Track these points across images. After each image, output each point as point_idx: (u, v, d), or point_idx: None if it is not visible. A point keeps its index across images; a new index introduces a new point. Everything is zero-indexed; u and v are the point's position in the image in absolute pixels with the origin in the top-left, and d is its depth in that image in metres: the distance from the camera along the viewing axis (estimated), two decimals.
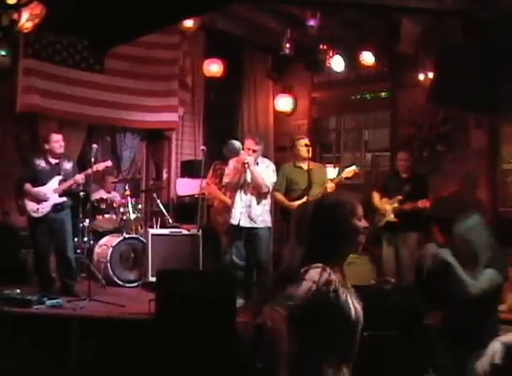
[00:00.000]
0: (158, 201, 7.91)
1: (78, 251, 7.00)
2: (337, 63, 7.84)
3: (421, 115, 7.58)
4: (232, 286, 5.27)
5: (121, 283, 6.95)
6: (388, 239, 6.65)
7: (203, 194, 6.92)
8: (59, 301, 5.66)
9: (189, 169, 8.73)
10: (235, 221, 6.04)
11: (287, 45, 7.66)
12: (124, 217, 7.34)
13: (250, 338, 2.18)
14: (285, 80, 9.11)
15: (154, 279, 5.75)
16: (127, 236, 7.19)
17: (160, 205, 7.86)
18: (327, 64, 7.80)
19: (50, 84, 7.72)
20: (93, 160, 6.25)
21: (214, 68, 8.91)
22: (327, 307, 2.23)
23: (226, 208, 6.64)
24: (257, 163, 6.07)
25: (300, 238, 2.37)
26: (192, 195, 8.27)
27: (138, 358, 4.83)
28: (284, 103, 9.29)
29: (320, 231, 2.33)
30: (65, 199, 6.22)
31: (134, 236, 7.30)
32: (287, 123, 9.34)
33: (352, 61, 7.84)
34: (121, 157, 8.75)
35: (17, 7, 5.52)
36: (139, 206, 7.62)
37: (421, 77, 7.30)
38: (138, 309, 5.47)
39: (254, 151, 6.01)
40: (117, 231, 7.42)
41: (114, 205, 7.49)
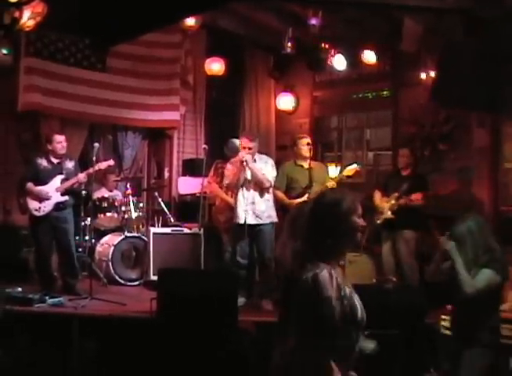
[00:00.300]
0: (160, 200, 7.91)
1: (80, 250, 7.02)
2: (339, 62, 7.83)
3: (423, 114, 7.57)
4: (233, 284, 5.27)
5: (123, 281, 6.95)
6: (386, 236, 6.65)
7: (204, 193, 6.93)
8: (61, 299, 5.67)
9: (191, 168, 8.72)
10: (240, 220, 5.96)
11: (289, 44, 7.65)
12: (126, 216, 7.34)
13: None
14: (287, 78, 9.09)
15: (156, 277, 5.75)
16: (128, 234, 7.19)
17: (162, 204, 7.86)
18: (329, 63, 7.80)
19: (52, 82, 7.72)
20: (95, 158, 6.26)
21: (215, 67, 8.92)
22: (343, 306, 2.22)
23: (228, 207, 6.64)
24: (254, 160, 6.07)
25: (296, 236, 2.36)
26: (193, 194, 8.27)
27: (139, 356, 4.83)
28: (286, 102, 9.29)
29: (319, 228, 2.32)
30: (67, 198, 6.22)
31: (135, 234, 7.29)
32: (289, 122, 9.33)
33: (354, 60, 7.81)
34: (123, 156, 8.75)
35: (19, 5, 5.53)
36: (141, 205, 7.61)
37: (423, 75, 7.29)
38: (139, 308, 5.48)
39: (250, 148, 6.00)
40: (119, 230, 7.43)
41: (116, 204, 7.48)
